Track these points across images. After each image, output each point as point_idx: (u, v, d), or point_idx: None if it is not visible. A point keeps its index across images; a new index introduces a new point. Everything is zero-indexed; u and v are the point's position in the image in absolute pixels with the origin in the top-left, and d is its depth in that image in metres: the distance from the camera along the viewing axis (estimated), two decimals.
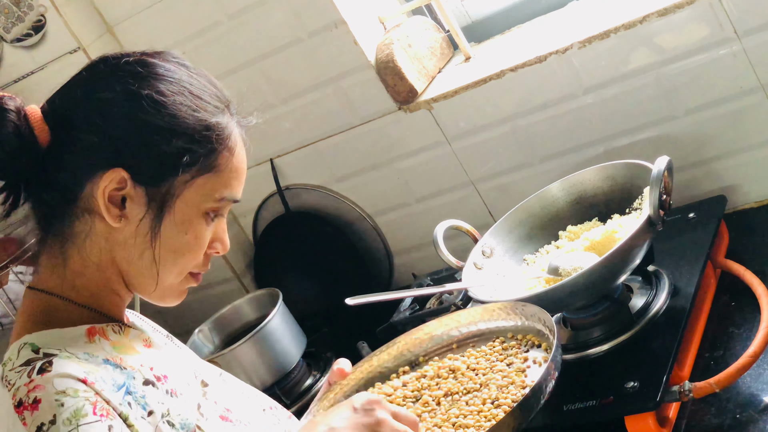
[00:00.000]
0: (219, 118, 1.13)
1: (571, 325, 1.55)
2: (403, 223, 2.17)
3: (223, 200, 1.13)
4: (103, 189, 1.09)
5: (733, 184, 1.78)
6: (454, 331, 1.40)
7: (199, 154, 1.10)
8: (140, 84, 1.09)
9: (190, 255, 1.14)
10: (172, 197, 1.11)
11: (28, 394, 1.04)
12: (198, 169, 1.10)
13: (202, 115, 1.11)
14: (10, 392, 1.05)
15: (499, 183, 2.00)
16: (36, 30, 2.19)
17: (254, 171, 2.25)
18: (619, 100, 1.79)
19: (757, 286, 1.48)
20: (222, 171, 1.12)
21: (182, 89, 1.11)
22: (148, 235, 1.11)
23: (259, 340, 1.96)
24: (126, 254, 1.12)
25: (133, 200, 1.10)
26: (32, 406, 1.04)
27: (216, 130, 1.12)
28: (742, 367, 1.34)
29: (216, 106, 1.14)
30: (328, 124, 2.11)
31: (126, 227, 1.11)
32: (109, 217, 1.10)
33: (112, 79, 1.11)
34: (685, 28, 1.67)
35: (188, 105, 1.11)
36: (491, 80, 1.88)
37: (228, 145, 1.13)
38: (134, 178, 1.09)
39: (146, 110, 1.09)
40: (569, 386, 1.45)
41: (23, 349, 1.09)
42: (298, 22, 2.01)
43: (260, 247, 2.36)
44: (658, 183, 1.42)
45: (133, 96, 1.09)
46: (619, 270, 1.45)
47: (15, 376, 1.07)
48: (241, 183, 1.16)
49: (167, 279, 1.15)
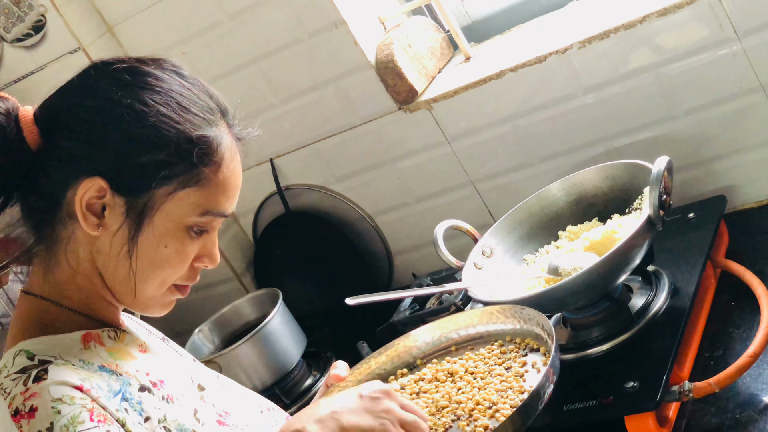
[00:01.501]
0: (206, 131, 1.09)
1: (571, 325, 1.55)
2: (403, 223, 2.17)
3: (208, 214, 1.10)
4: (81, 197, 1.07)
5: (733, 184, 1.78)
6: (453, 334, 1.40)
7: (179, 168, 1.07)
8: (124, 93, 1.07)
9: (171, 269, 1.12)
10: (151, 209, 1.08)
11: (24, 402, 1.04)
12: (179, 182, 1.07)
13: (186, 127, 1.08)
14: (6, 401, 1.05)
15: (499, 183, 2.00)
16: (36, 30, 2.19)
17: (254, 171, 2.25)
18: (619, 100, 1.79)
19: (757, 286, 1.48)
20: (207, 185, 1.09)
21: (169, 100, 1.08)
22: (125, 246, 1.09)
23: (259, 340, 1.96)
24: (105, 262, 1.11)
25: (112, 210, 1.08)
26: (29, 415, 1.03)
27: (199, 143, 1.08)
28: (742, 367, 1.34)
29: (205, 118, 1.10)
30: (328, 124, 2.11)
31: (105, 236, 1.09)
32: (86, 226, 1.08)
33: (98, 86, 1.09)
34: (685, 28, 1.67)
35: (171, 116, 1.07)
36: (491, 80, 1.88)
37: (214, 159, 1.09)
38: (113, 188, 1.07)
39: (126, 120, 1.06)
40: (569, 386, 1.45)
41: (18, 356, 1.08)
42: (298, 22, 2.01)
43: (260, 247, 2.36)
44: (658, 183, 1.42)
45: (115, 105, 1.07)
46: (619, 270, 1.45)
47: (11, 384, 1.06)
48: (231, 197, 1.12)
49: (146, 291, 1.12)
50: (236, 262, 2.36)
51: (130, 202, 1.08)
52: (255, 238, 2.37)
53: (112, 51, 2.16)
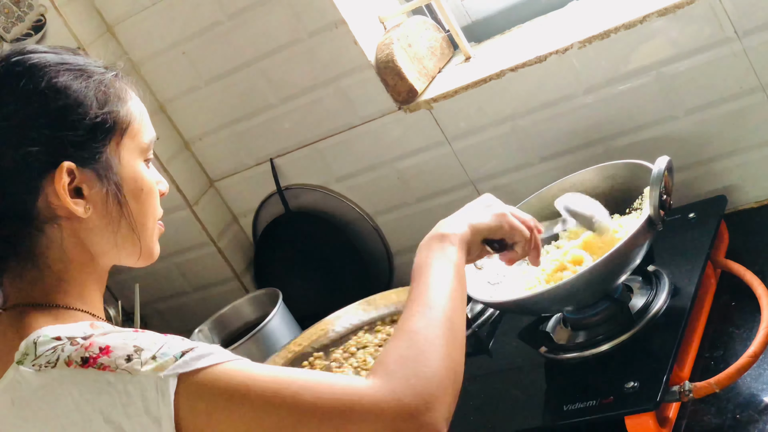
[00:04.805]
0: (106, 77, 1.15)
1: (571, 325, 1.55)
2: (403, 223, 2.17)
3: (148, 143, 1.18)
4: (60, 188, 1.08)
5: (733, 184, 1.78)
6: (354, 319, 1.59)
7: (110, 118, 1.13)
8: (32, 82, 1.10)
9: (153, 205, 1.18)
10: (116, 163, 1.13)
11: (88, 349, 1.01)
12: (117, 131, 1.13)
13: (95, 80, 1.13)
14: (57, 367, 1.01)
15: (499, 183, 2.00)
16: (36, 30, 2.19)
17: (254, 171, 2.25)
18: (619, 100, 1.79)
19: (757, 286, 1.48)
20: (134, 120, 1.16)
21: (64, 69, 1.12)
22: (117, 207, 1.13)
23: (259, 340, 1.96)
24: (102, 238, 1.13)
25: (89, 184, 1.11)
26: (104, 352, 1.01)
27: (112, 87, 1.15)
28: (742, 367, 1.34)
29: (96, 69, 1.15)
30: (328, 124, 2.11)
31: (94, 213, 1.11)
32: (78, 210, 1.10)
33: (3, 94, 1.10)
34: (685, 28, 1.67)
35: (80, 78, 1.12)
36: (491, 80, 1.88)
37: (125, 97, 1.16)
38: (78, 164, 1.10)
39: (54, 98, 1.09)
40: (569, 386, 1.45)
41: (40, 340, 1.05)
42: (298, 22, 2.01)
43: (260, 247, 2.35)
44: (658, 183, 1.42)
45: (36, 94, 1.09)
46: (619, 270, 1.45)
47: (51, 355, 1.03)
48: (149, 123, 1.20)
49: (148, 238, 1.18)
50: (236, 262, 2.35)
51: (97, 169, 1.11)
52: (255, 238, 2.37)
53: (111, 51, 2.16)
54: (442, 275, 1.16)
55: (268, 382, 0.99)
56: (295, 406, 0.97)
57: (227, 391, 0.99)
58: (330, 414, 0.96)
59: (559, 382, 1.51)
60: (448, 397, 1.01)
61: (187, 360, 1.00)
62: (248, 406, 0.98)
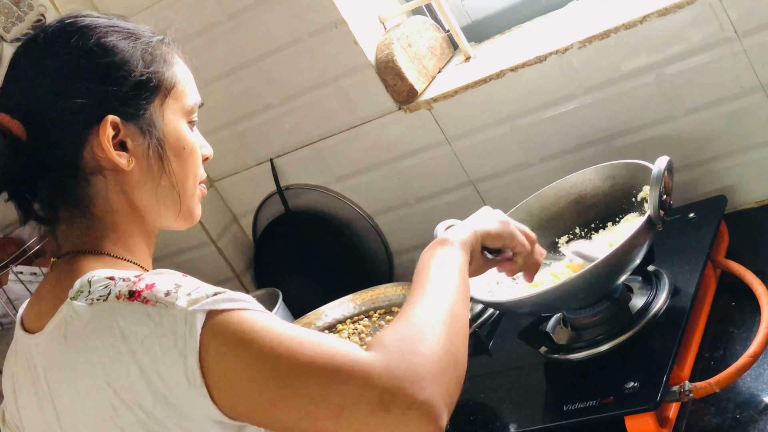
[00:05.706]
0: (153, 40, 1.20)
1: (571, 325, 1.55)
2: (403, 223, 2.17)
3: (192, 106, 1.23)
4: (105, 140, 1.13)
5: (733, 184, 1.78)
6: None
7: (159, 74, 1.18)
8: (81, 40, 1.15)
9: (195, 165, 1.22)
10: (160, 121, 1.17)
11: (136, 284, 1.05)
12: (163, 90, 1.18)
13: (142, 42, 1.19)
14: (108, 300, 1.05)
15: (499, 183, 2.00)
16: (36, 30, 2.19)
17: (254, 171, 2.25)
18: (619, 100, 1.79)
19: (757, 286, 1.48)
20: (179, 83, 1.21)
21: (113, 30, 1.18)
22: (159, 162, 1.17)
23: None
24: (145, 192, 1.17)
25: (132, 138, 1.15)
26: (148, 287, 1.05)
27: (158, 50, 1.20)
28: (742, 367, 1.34)
29: (144, 33, 1.21)
30: (328, 124, 2.11)
31: (136, 167, 1.15)
32: (121, 162, 1.14)
33: (56, 49, 1.15)
34: (685, 28, 1.67)
35: (127, 39, 1.18)
36: (491, 80, 1.88)
37: (171, 61, 1.21)
38: (123, 118, 1.14)
39: (102, 55, 1.15)
40: (569, 386, 1.45)
41: (94, 278, 1.09)
42: (298, 22, 2.01)
43: (260, 247, 2.35)
44: (659, 183, 1.42)
45: (85, 51, 1.15)
46: (619, 270, 1.45)
47: (104, 290, 1.07)
48: (195, 87, 1.25)
49: (189, 197, 1.21)
50: (236, 262, 2.36)
51: (140, 125, 1.16)
52: (255, 238, 2.37)
53: None
54: (444, 272, 1.18)
55: (279, 333, 1.02)
56: (293, 357, 1.00)
57: (240, 334, 1.01)
58: (322, 371, 0.99)
59: (559, 382, 1.50)
60: (447, 378, 1.01)
61: (218, 299, 1.03)
62: (253, 350, 1.00)
